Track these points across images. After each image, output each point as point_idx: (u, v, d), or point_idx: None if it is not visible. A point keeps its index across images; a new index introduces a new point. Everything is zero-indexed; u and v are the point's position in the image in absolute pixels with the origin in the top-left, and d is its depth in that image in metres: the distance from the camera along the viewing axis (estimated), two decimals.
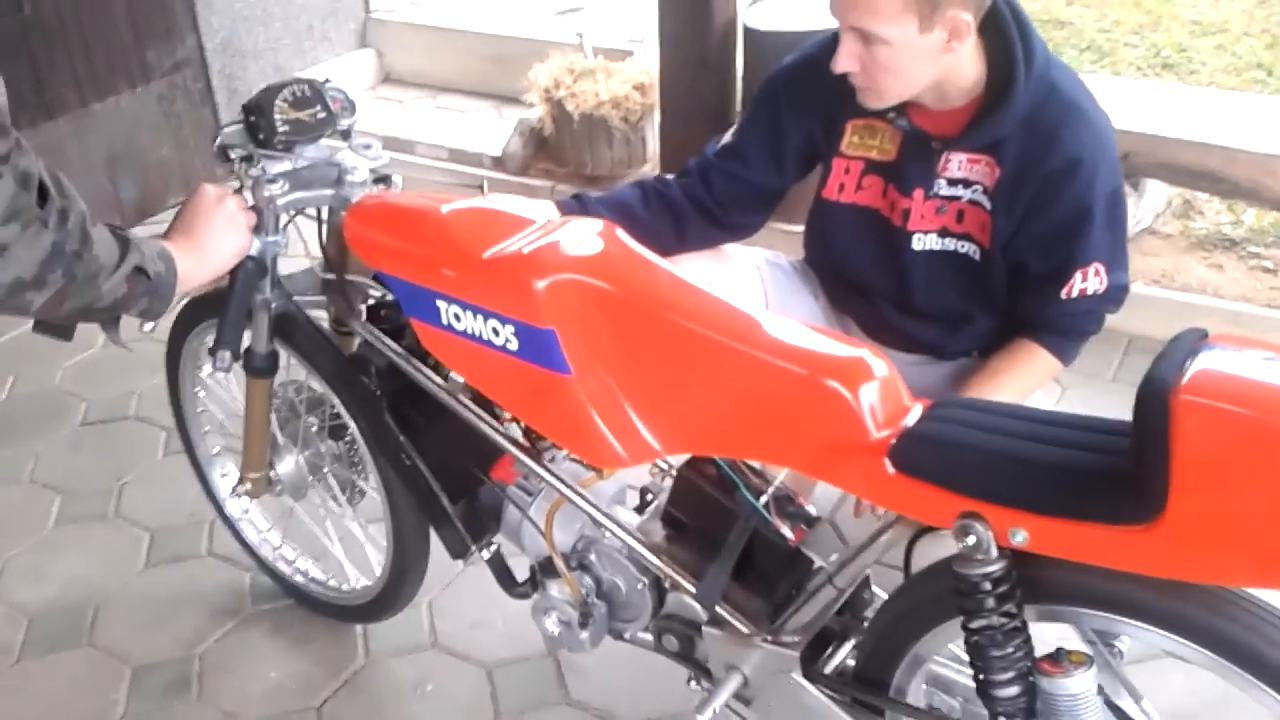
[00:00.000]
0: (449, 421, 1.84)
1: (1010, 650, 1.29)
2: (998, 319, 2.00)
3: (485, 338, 1.60)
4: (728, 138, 2.09)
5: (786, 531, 1.55)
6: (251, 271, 1.78)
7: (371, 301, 1.90)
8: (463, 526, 1.87)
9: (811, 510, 1.60)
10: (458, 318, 1.63)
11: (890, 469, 1.33)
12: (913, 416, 1.39)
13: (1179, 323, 1.36)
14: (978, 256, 1.92)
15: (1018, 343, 1.95)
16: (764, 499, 1.57)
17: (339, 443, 2.13)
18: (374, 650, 2.31)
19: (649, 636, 1.75)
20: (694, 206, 2.09)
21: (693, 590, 1.61)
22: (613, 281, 1.53)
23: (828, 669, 1.58)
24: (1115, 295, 1.88)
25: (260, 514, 2.43)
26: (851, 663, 1.59)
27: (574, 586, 1.72)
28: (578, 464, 1.75)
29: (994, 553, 1.27)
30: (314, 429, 2.13)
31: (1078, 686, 1.24)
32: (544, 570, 1.76)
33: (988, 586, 1.28)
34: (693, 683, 1.74)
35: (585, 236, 1.59)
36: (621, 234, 1.63)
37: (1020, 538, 1.25)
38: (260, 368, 1.97)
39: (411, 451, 1.86)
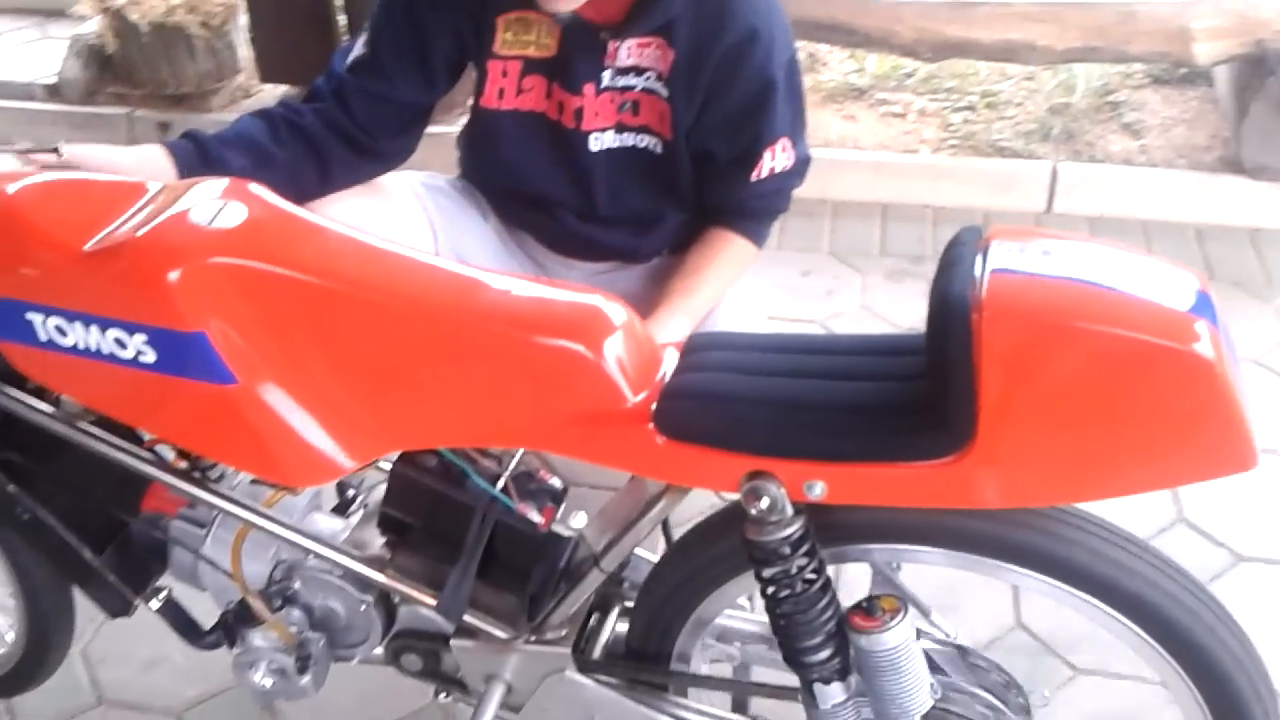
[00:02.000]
0: (71, 456, 1.45)
1: (818, 610, 1.15)
2: (687, 213, 1.84)
3: (106, 352, 1.23)
4: (360, 48, 1.75)
5: (534, 515, 1.32)
6: None
7: None
8: (117, 579, 1.49)
9: (556, 483, 1.38)
10: (61, 331, 1.24)
11: (659, 438, 1.13)
12: (668, 367, 1.19)
13: (831, 180, 1.23)
14: (660, 149, 1.74)
15: (712, 234, 1.81)
16: (501, 482, 1.33)
17: None
18: None
19: (381, 655, 1.49)
20: (335, 136, 1.75)
21: (432, 603, 1.35)
22: (272, 259, 1.20)
23: (597, 652, 1.40)
24: (801, 169, 1.78)
25: None
26: (618, 633, 1.42)
27: (282, 630, 1.41)
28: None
29: (789, 511, 1.11)
30: None
31: (898, 637, 1.12)
32: (238, 617, 1.43)
33: (787, 550, 1.13)
34: (442, 695, 1.50)
35: (219, 203, 1.24)
36: (264, 192, 1.28)
37: (818, 490, 1.09)
38: None
39: (30, 503, 1.44)
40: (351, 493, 1.52)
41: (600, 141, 1.75)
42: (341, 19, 3.53)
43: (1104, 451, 1.01)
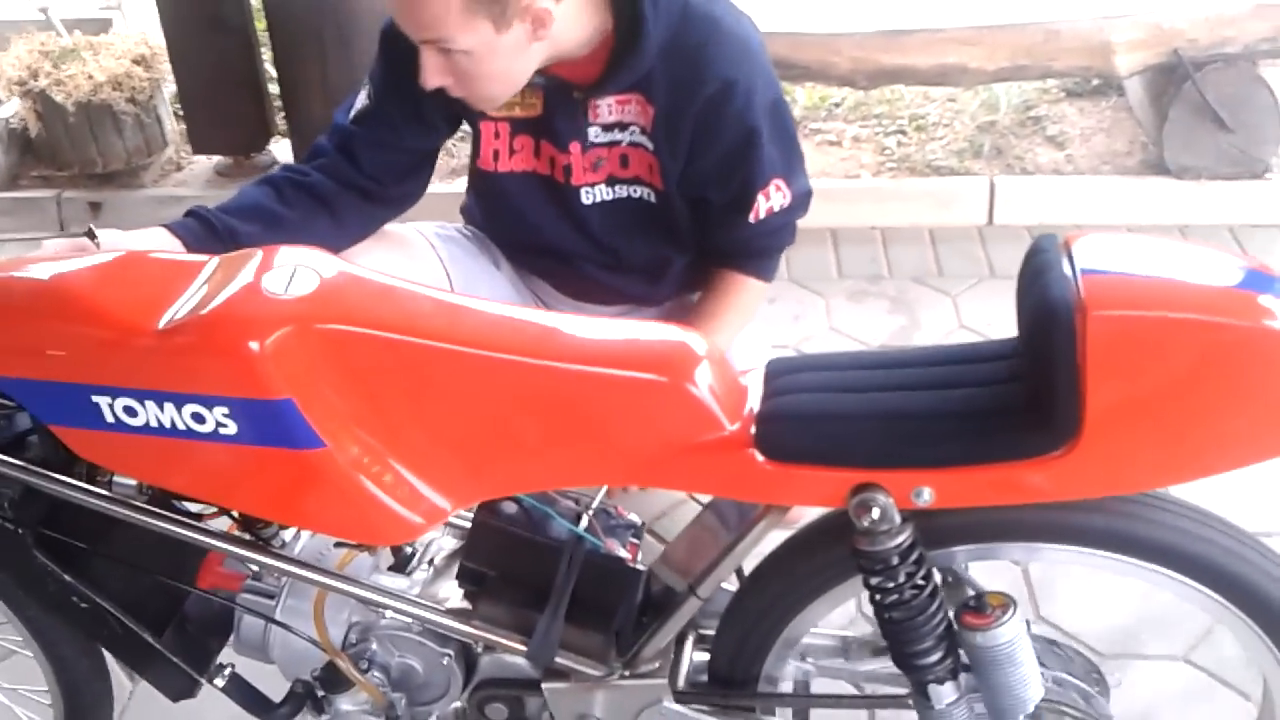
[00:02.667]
0: (123, 538, 1.42)
1: (929, 615, 1.19)
2: (692, 255, 1.89)
3: (182, 428, 1.21)
4: (363, 100, 1.77)
5: (622, 551, 1.34)
6: None
7: None
8: (182, 660, 1.45)
9: (634, 518, 1.39)
10: (131, 412, 1.22)
11: (761, 459, 1.16)
12: (754, 393, 1.22)
13: None
14: (654, 199, 1.79)
15: (721, 276, 1.86)
16: (584, 522, 1.34)
17: None
18: None
19: (459, 708, 1.47)
20: (344, 188, 1.77)
21: (522, 649, 1.35)
22: (353, 320, 1.20)
23: (681, 681, 1.41)
24: (801, 203, 1.83)
25: None
26: (695, 660, 1.43)
27: (372, 690, 1.39)
28: (317, 539, 1.42)
29: (898, 520, 1.15)
30: None
31: (1011, 632, 1.17)
32: (325, 683, 1.40)
33: (897, 559, 1.16)
34: None
35: (288, 269, 1.24)
36: (329, 256, 1.29)
37: (925, 497, 1.13)
38: None
39: (87, 591, 1.40)
40: (410, 549, 1.52)
41: (592, 195, 1.79)
42: (273, 87, 3.51)
43: (1199, 433, 1.07)
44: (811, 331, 2.92)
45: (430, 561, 1.48)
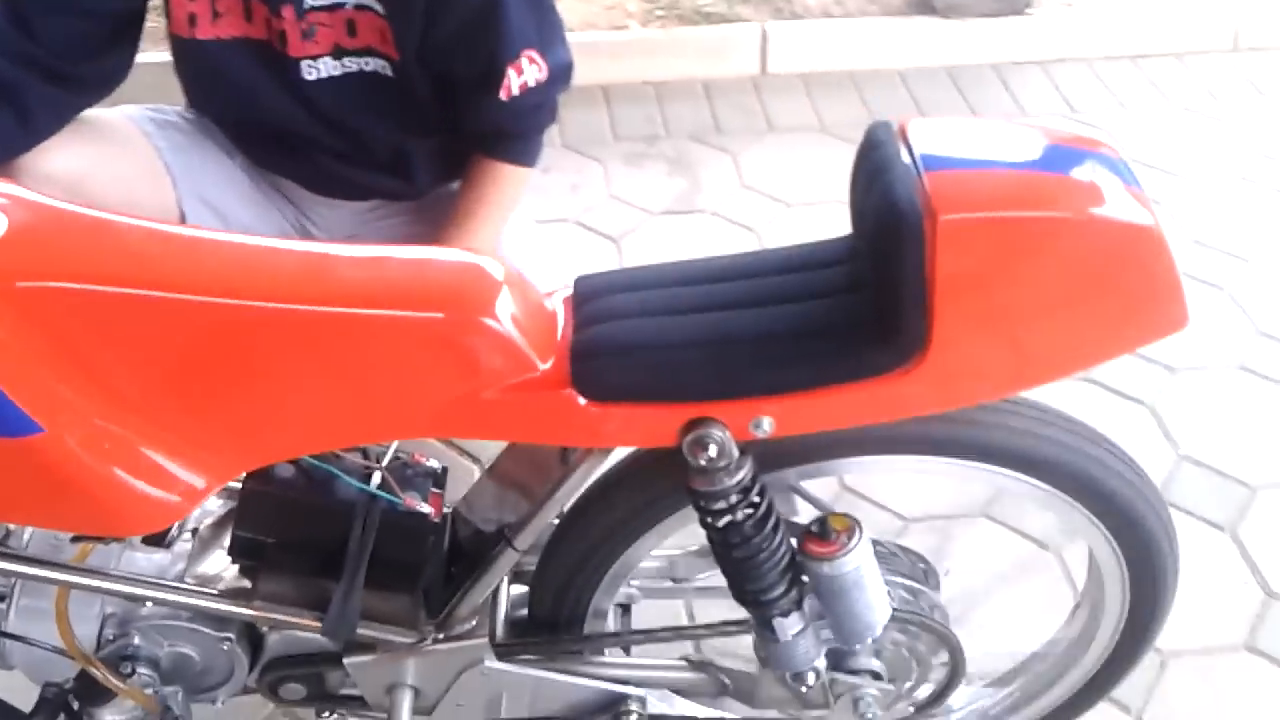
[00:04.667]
0: None
1: (773, 549, 1.09)
2: (442, 139, 1.66)
3: None
4: None
5: (423, 506, 1.17)
6: None
7: None
8: None
9: (434, 464, 1.22)
10: None
11: (581, 401, 1.01)
12: (561, 323, 1.06)
13: None
14: (389, 71, 1.53)
15: (478, 165, 1.63)
16: (376, 479, 1.17)
17: None
18: None
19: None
20: (26, 70, 1.43)
21: (316, 625, 1.18)
22: (59, 273, 0.96)
23: (501, 632, 1.28)
24: (561, 77, 1.59)
25: None
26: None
27: (141, 696, 1.19)
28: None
29: (736, 454, 1.03)
30: None
31: (859, 558, 1.08)
32: (82, 696, 1.19)
33: (737, 497, 1.05)
34: (328, 715, 1.34)
35: None
36: (11, 188, 1.02)
37: (765, 427, 1.02)
38: None
39: None
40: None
41: (315, 69, 1.52)
42: None
43: (1049, 336, 0.99)
44: (591, 201, 2.75)
45: (193, 531, 1.27)
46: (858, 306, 1.00)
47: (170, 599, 1.17)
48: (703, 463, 1.02)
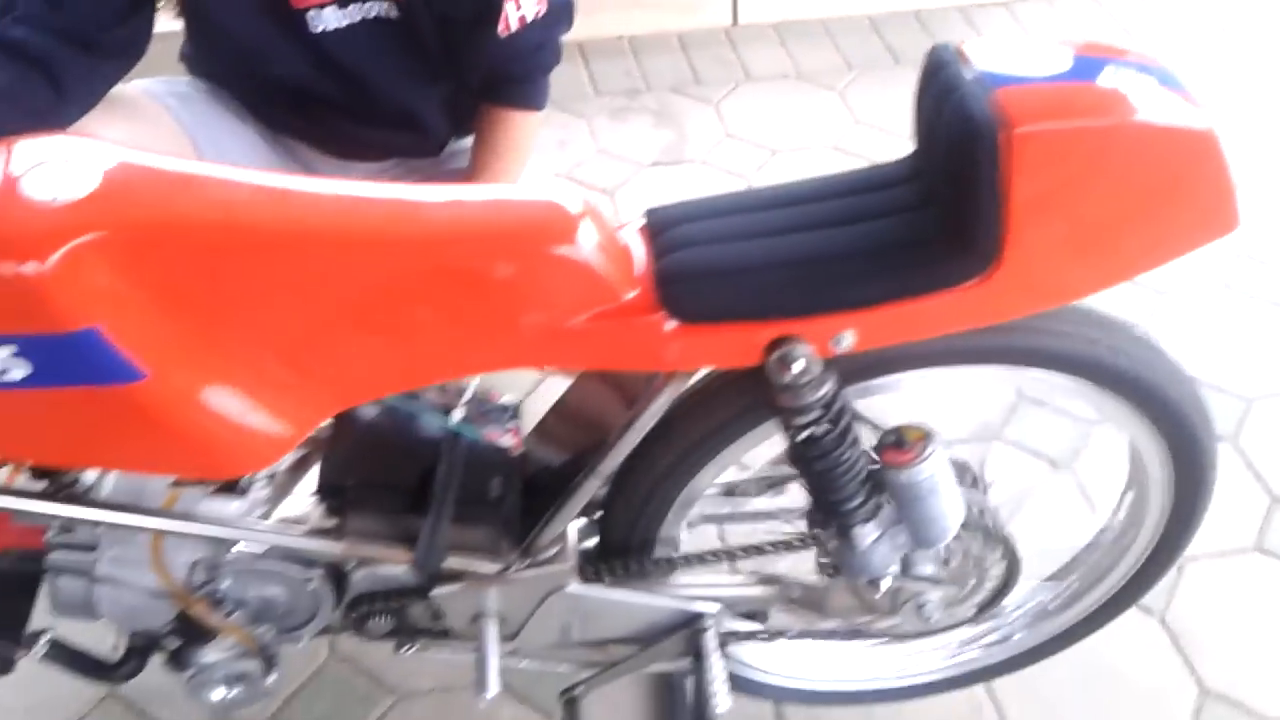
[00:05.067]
0: None
1: (851, 460, 1.14)
2: (453, 88, 1.67)
3: None
4: None
5: (506, 440, 1.21)
6: None
7: None
8: None
9: (509, 399, 1.26)
10: None
11: (669, 323, 1.06)
12: (639, 252, 1.10)
13: None
14: (395, 15, 1.54)
15: (489, 115, 1.65)
16: (458, 415, 1.20)
17: None
18: None
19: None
20: (58, 40, 1.42)
21: (407, 560, 1.21)
22: (159, 220, 0.98)
23: (574, 557, 1.32)
24: (562, 15, 1.60)
25: None
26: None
27: (240, 632, 1.22)
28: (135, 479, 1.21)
29: (819, 369, 1.08)
30: None
31: (934, 465, 1.14)
32: (182, 637, 1.22)
33: (820, 411, 1.10)
34: (407, 648, 1.37)
35: (45, 163, 0.99)
36: (88, 140, 1.04)
37: (847, 341, 1.07)
38: None
39: None
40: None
41: (321, 20, 1.52)
42: None
43: (1119, 237, 1.04)
44: (580, 156, 2.78)
45: (270, 477, 1.30)
46: (930, 222, 1.05)
47: (267, 540, 1.19)
48: (787, 379, 1.07)
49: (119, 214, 0.97)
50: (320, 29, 1.51)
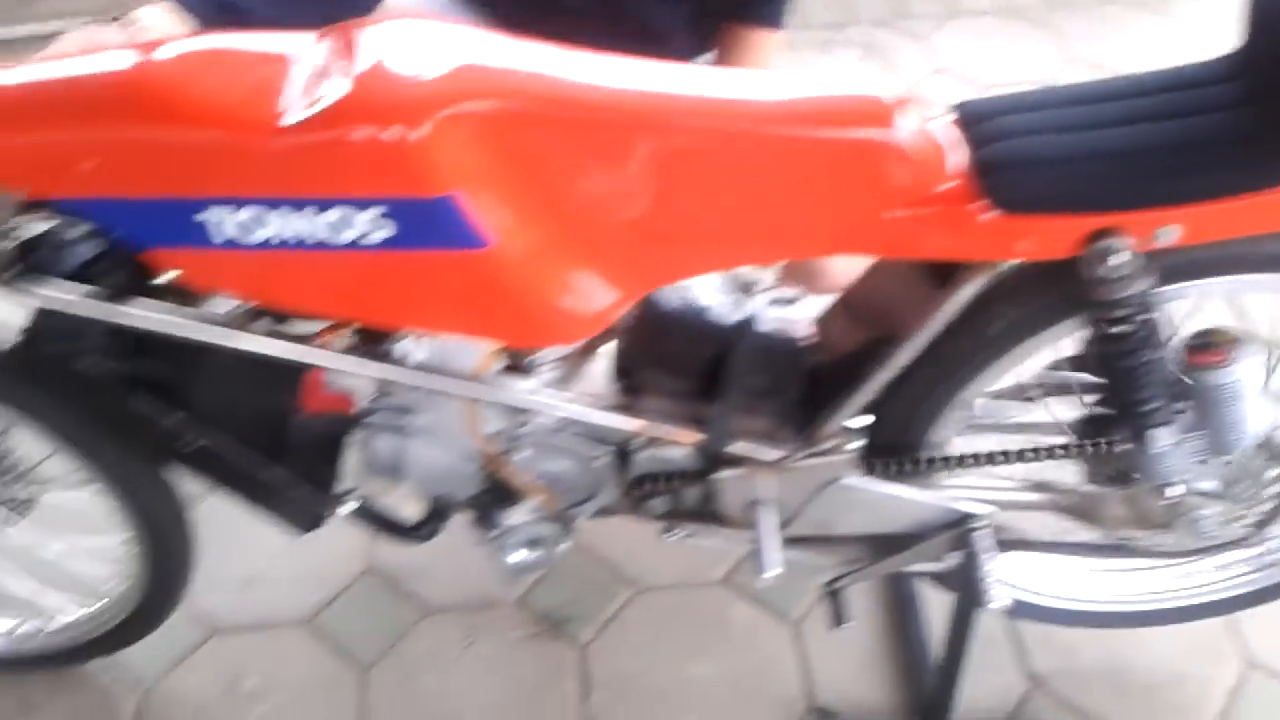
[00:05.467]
0: (214, 368, 1.25)
1: (1156, 357, 1.14)
2: (700, 3, 1.69)
3: (318, 239, 1.05)
4: None
5: (801, 328, 1.25)
6: None
7: None
8: (308, 489, 1.32)
9: (795, 289, 1.29)
10: (252, 226, 1.06)
11: (988, 213, 1.07)
12: (953, 141, 1.11)
13: None
14: None
15: (730, 34, 1.65)
16: (753, 301, 1.24)
17: None
18: (148, 678, 1.68)
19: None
20: None
21: (694, 439, 1.26)
22: (517, 96, 1.04)
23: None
24: None
25: None
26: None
27: (545, 493, 1.29)
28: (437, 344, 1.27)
29: (1139, 263, 1.08)
30: None
31: (1245, 369, 1.13)
32: (490, 499, 1.30)
33: (1133, 306, 1.10)
34: (672, 533, 1.43)
35: (411, 43, 1.06)
36: (441, 22, 1.11)
37: (1170, 235, 1.07)
38: None
39: (198, 430, 1.24)
40: None
41: None
42: None
43: None
44: None
45: (561, 359, 1.36)
46: (1255, 119, 1.04)
47: (572, 413, 1.25)
48: (1105, 272, 1.08)
49: (483, 86, 1.04)
50: None
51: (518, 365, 1.35)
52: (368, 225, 1.04)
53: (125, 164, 1.05)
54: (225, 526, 1.52)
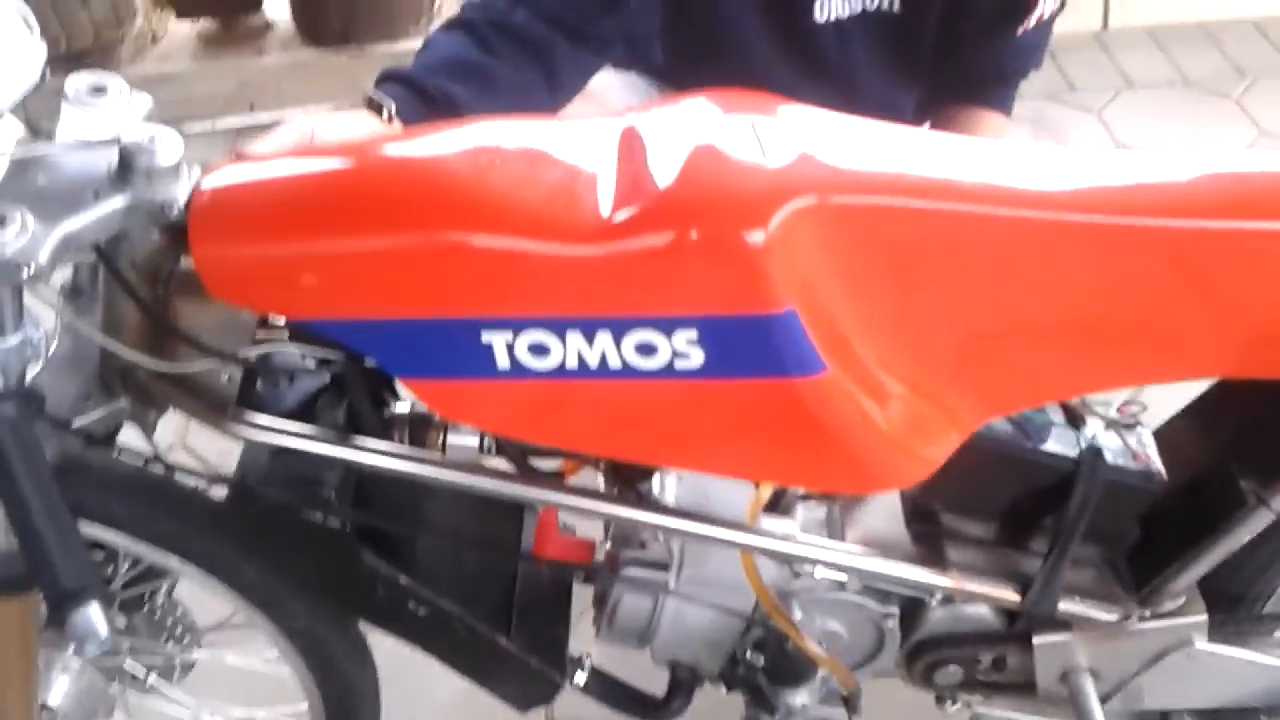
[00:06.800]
0: (434, 513, 1.06)
1: None
2: (920, 93, 1.52)
3: (616, 366, 0.85)
4: None
5: (1154, 462, 1.03)
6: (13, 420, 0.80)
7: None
8: (535, 659, 1.11)
9: (1136, 409, 1.07)
10: (541, 351, 0.85)
11: None
12: None
13: None
14: (896, 7, 1.41)
15: (958, 117, 1.48)
16: (1096, 427, 1.03)
17: (138, 612, 1.23)
18: None
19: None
20: (554, 29, 1.33)
21: (1015, 599, 1.04)
22: (877, 188, 0.85)
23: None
24: (1063, 6, 1.45)
25: None
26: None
27: (839, 668, 1.08)
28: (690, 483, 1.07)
29: None
30: None
31: None
32: (774, 674, 1.08)
33: None
34: (952, 705, 1.20)
35: (740, 125, 0.86)
36: (772, 99, 0.92)
37: None
38: (9, 579, 0.98)
39: (427, 594, 1.04)
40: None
41: (828, 9, 1.40)
42: None
43: None
44: None
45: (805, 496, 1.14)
46: None
47: (860, 565, 1.04)
48: None
49: (837, 182, 0.84)
50: (825, 19, 1.39)
51: (775, 503, 1.15)
52: (679, 350, 0.84)
53: (399, 278, 0.85)
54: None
